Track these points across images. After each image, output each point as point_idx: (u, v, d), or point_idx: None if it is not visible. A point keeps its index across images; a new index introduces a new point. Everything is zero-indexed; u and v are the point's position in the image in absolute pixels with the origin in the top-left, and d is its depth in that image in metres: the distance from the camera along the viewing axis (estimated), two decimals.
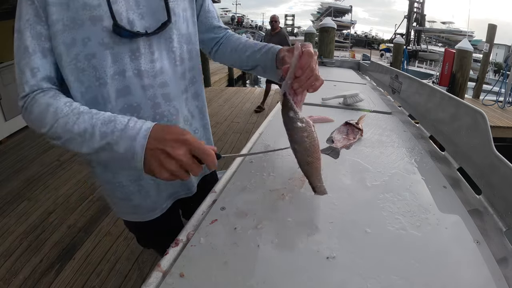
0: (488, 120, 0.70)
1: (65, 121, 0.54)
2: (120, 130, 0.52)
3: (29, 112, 0.57)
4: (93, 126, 0.53)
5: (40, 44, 0.57)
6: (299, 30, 41.85)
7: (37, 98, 0.56)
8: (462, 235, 0.53)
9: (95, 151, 0.53)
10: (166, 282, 0.41)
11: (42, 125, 0.55)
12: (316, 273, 0.43)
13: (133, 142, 0.51)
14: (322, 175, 0.59)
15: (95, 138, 0.52)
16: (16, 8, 0.59)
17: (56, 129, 0.54)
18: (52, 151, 3.71)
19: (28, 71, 0.57)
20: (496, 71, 15.11)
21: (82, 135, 0.53)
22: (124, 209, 0.78)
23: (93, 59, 0.59)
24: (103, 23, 0.57)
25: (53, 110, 0.55)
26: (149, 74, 0.64)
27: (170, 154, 0.49)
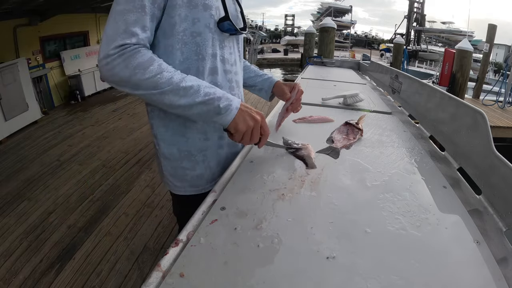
0: (488, 120, 0.70)
1: (170, 75, 0.62)
2: (221, 93, 0.66)
3: (128, 58, 0.59)
4: (199, 85, 0.64)
5: (153, 9, 0.64)
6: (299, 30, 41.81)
7: (140, 50, 0.61)
8: (462, 235, 0.53)
9: (192, 104, 0.63)
10: (166, 282, 0.41)
11: (143, 74, 0.60)
12: (316, 273, 0.43)
13: (232, 102, 0.66)
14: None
15: (199, 94, 0.63)
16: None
17: (159, 79, 0.61)
18: (52, 151, 3.72)
19: (139, 26, 0.62)
20: (496, 71, 15.11)
21: (186, 89, 0.63)
22: (186, 182, 0.84)
23: (198, 37, 0.71)
24: (211, 11, 0.71)
25: (159, 63, 0.62)
26: (229, 62, 0.81)
27: (253, 117, 0.68)
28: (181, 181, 0.84)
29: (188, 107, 0.64)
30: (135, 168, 3.24)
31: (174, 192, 0.87)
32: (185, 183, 0.84)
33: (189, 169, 0.82)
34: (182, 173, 0.83)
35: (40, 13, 5.13)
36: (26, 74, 4.70)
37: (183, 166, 0.81)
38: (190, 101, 0.63)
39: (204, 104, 0.64)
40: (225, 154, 0.85)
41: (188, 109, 0.64)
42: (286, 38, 31.94)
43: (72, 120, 4.99)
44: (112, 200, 2.65)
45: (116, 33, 0.60)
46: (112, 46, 0.59)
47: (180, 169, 0.82)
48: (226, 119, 0.66)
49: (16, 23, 4.79)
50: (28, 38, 5.08)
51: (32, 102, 4.76)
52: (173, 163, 0.82)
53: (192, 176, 0.83)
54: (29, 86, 4.75)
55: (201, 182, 0.84)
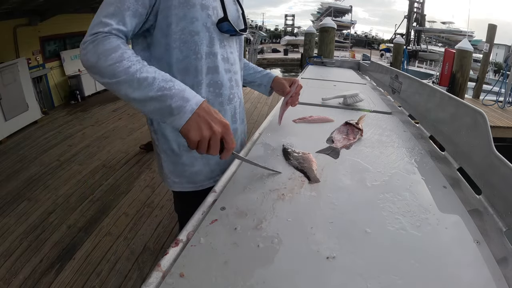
0: (488, 120, 0.70)
1: (128, 65, 0.59)
2: (178, 90, 0.60)
3: (97, 45, 0.60)
4: (154, 78, 0.60)
5: (136, 6, 0.65)
6: (299, 30, 41.81)
7: (110, 38, 0.61)
8: (462, 235, 0.53)
9: (144, 99, 0.59)
10: (166, 282, 0.41)
11: (105, 60, 0.59)
12: (316, 273, 0.43)
13: (187, 102, 0.59)
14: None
15: (152, 88, 0.59)
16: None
17: (117, 67, 0.59)
18: (52, 151, 3.72)
19: (115, 19, 0.63)
20: (496, 71, 15.11)
21: (140, 81, 0.59)
22: (184, 178, 0.85)
23: (196, 35, 0.73)
24: (208, 11, 0.73)
25: (121, 52, 0.60)
26: (229, 61, 0.82)
27: (211, 126, 0.59)
28: (180, 177, 0.85)
29: (142, 102, 0.60)
30: (135, 168, 3.24)
31: (172, 189, 0.88)
32: (183, 179, 0.85)
33: (188, 165, 0.83)
34: (181, 169, 0.84)
35: (40, 13, 5.13)
36: (26, 74, 4.70)
37: (182, 162, 0.83)
38: (143, 94, 0.59)
39: (156, 100, 0.59)
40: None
41: (142, 104, 0.60)
42: (286, 38, 31.95)
43: (72, 120, 4.99)
44: (112, 200, 2.65)
45: (95, 23, 0.62)
46: (89, 34, 0.62)
47: (180, 165, 0.83)
48: (178, 123, 0.59)
49: (16, 23, 4.79)
50: (28, 38, 5.08)
51: (32, 102, 4.76)
52: (172, 158, 0.83)
53: (191, 172, 0.84)
54: (29, 86, 4.75)
55: (199, 178, 0.85)
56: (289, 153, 0.80)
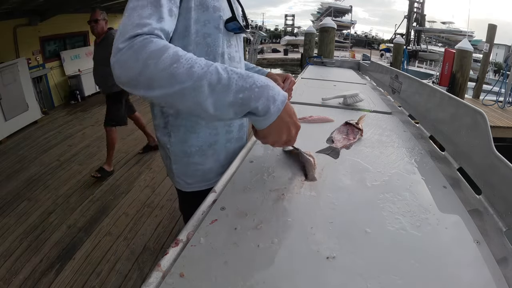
0: (488, 120, 0.70)
1: (190, 64, 0.48)
2: (260, 87, 0.51)
3: (138, 49, 0.48)
4: (229, 77, 0.49)
5: (170, 5, 0.61)
6: (299, 30, 41.81)
7: (152, 39, 0.50)
8: (462, 235, 0.53)
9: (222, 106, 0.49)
10: (166, 282, 0.41)
11: (157, 64, 0.47)
12: (316, 273, 0.43)
13: (273, 104, 0.51)
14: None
15: (230, 90, 0.49)
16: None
17: (176, 70, 0.47)
18: (52, 151, 3.71)
19: (155, 17, 0.55)
20: (496, 71, 15.11)
21: (213, 84, 0.48)
22: (197, 178, 0.85)
23: (208, 38, 0.73)
24: (220, 12, 0.73)
25: (173, 51, 0.49)
26: (235, 60, 0.83)
27: (290, 132, 0.57)
28: (193, 177, 0.85)
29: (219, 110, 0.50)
30: (135, 168, 3.24)
31: (186, 190, 0.87)
32: (197, 179, 0.86)
33: (200, 164, 0.84)
34: (194, 168, 0.84)
35: (40, 13, 5.13)
36: (26, 74, 4.69)
37: (194, 161, 0.83)
38: (221, 99, 0.49)
39: (238, 105, 0.50)
40: (233, 148, 0.88)
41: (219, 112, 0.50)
42: (286, 38, 31.95)
43: (72, 120, 4.99)
44: (112, 200, 2.65)
45: (128, 27, 0.52)
46: (122, 39, 0.50)
47: (192, 165, 0.84)
48: (259, 124, 0.54)
49: (16, 23, 4.79)
50: (28, 38, 5.08)
51: (32, 102, 4.76)
52: (184, 159, 0.83)
53: (204, 171, 0.85)
54: (29, 86, 4.75)
55: (211, 175, 0.86)
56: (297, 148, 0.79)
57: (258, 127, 0.56)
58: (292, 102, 1.34)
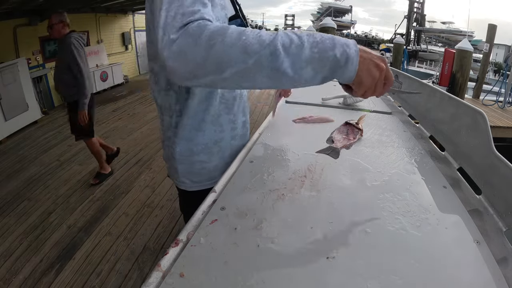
0: (488, 120, 0.70)
1: (257, 35, 0.47)
2: (329, 38, 0.50)
3: (198, 34, 0.46)
4: (299, 37, 0.49)
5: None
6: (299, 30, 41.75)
7: (207, 23, 0.48)
8: (462, 235, 0.53)
9: (300, 65, 0.48)
10: (166, 282, 0.41)
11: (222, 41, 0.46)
12: (316, 273, 0.43)
13: (347, 48, 0.50)
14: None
15: (304, 47, 0.48)
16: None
17: (246, 42, 0.46)
18: (52, 151, 3.71)
19: (199, 4, 0.51)
20: (496, 71, 15.11)
21: (287, 46, 0.47)
22: (203, 176, 0.85)
23: None
24: (226, 10, 0.73)
25: (233, 27, 0.48)
26: None
27: (378, 65, 0.52)
28: (199, 176, 0.85)
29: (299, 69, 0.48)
30: (135, 168, 3.24)
31: (191, 189, 0.87)
32: (203, 177, 0.86)
33: (206, 162, 0.84)
34: (199, 166, 0.84)
35: (40, 13, 5.13)
36: (26, 74, 4.69)
37: (200, 159, 0.83)
38: (297, 60, 0.48)
39: (316, 59, 0.48)
40: (237, 145, 0.88)
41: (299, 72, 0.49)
42: None
43: None
44: (112, 200, 2.65)
45: (174, 19, 0.49)
46: (173, 31, 0.47)
47: (197, 163, 0.84)
48: (348, 74, 0.51)
49: (16, 23, 4.79)
50: (28, 38, 5.07)
51: (32, 102, 4.76)
52: (190, 158, 0.83)
53: (209, 169, 0.85)
54: (29, 86, 4.75)
55: (216, 173, 0.85)
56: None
57: (348, 79, 0.52)
58: (292, 102, 1.34)
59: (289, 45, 0.47)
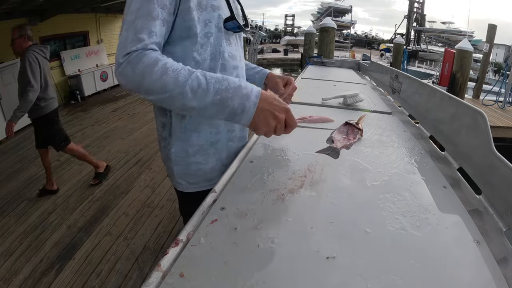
0: (488, 120, 0.70)
1: (175, 75, 0.58)
2: (234, 88, 0.60)
3: (135, 64, 0.58)
4: (207, 82, 0.59)
5: (163, 14, 0.64)
6: (299, 30, 41.82)
7: (145, 53, 0.59)
8: (462, 235, 0.53)
9: (204, 106, 0.59)
10: (166, 282, 0.41)
11: (150, 76, 0.57)
12: (316, 273, 0.43)
13: (247, 99, 0.60)
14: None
15: (208, 93, 0.59)
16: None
17: (165, 80, 0.58)
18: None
19: (146, 32, 0.61)
20: (496, 71, 15.11)
21: (194, 89, 0.58)
22: (199, 177, 0.85)
23: (211, 37, 0.73)
24: (219, 11, 0.73)
25: (162, 63, 0.59)
26: (236, 58, 0.82)
27: (276, 116, 0.61)
28: (195, 177, 0.85)
29: (202, 109, 0.60)
30: (135, 168, 3.24)
31: (188, 190, 0.87)
32: (199, 178, 0.85)
33: (202, 163, 0.84)
34: (195, 168, 0.84)
35: (40, 13, 5.13)
36: None
37: (196, 161, 0.83)
38: (201, 102, 0.59)
39: (216, 104, 0.59)
40: (235, 147, 0.88)
41: (202, 111, 0.61)
42: (286, 38, 31.96)
43: (72, 120, 4.99)
44: (112, 200, 2.65)
45: (126, 42, 0.60)
46: (122, 55, 0.59)
47: (193, 164, 0.83)
48: (244, 121, 0.61)
49: (16, 23, 4.79)
50: None
51: None
52: (186, 159, 0.83)
53: (205, 170, 0.84)
54: None
55: (213, 175, 0.85)
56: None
57: (244, 124, 0.62)
58: (292, 102, 1.34)
59: (197, 88, 0.58)
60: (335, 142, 0.89)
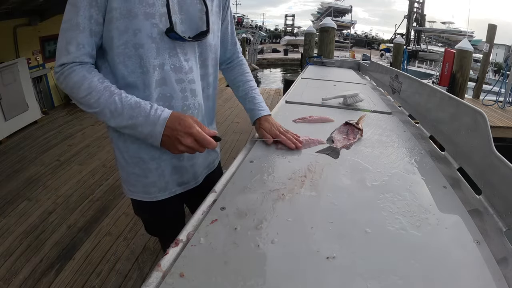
0: (488, 120, 0.70)
1: (98, 96, 0.65)
2: (144, 116, 0.65)
3: (65, 78, 0.65)
4: (122, 107, 0.65)
5: (90, 25, 0.65)
6: (299, 30, 41.84)
7: (75, 69, 0.65)
8: (462, 235, 0.53)
9: (121, 127, 0.67)
10: (166, 282, 0.41)
11: (78, 93, 0.65)
12: (316, 273, 0.43)
13: (154, 127, 0.66)
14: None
15: (123, 117, 0.65)
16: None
17: (89, 100, 0.65)
18: (52, 151, 3.71)
19: (74, 44, 0.65)
20: (496, 71, 15.10)
21: (112, 111, 0.65)
22: (138, 188, 0.83)
23: (140, 48, 0.68)
24: (154, 20, 0.67)
25: (87, 83, 0.65)
26: (183, 70, 0.75)
27: (181, 142, 0.65)
28: (134, 186, 0.83)
29: (120, 128, 0.68)
30: None
31: (128, 196, 0.86)
32: (137, 188, 0.83)
33: (141, 176, 0.81)
34: (134, 179, 0.82)
35: (40, 13, 5.13)
36: (26, 74, 4.69)
37: (134, 172, 0.80)
38: (117, 123, 0.66)
39: (130, 128, 0.67)
40: (186, 165, 0.84)
41: (120, 129, 0.68)
42: (286, 38, 31.98)
43: (72, 120, 4.99)
44: (112, 200, 2.65)
45: (59, 51, 0.66)
46: (57, 65, 0.66)
47: (132, 175, 0.81)
48: (155, 144, 0.68)
49: (16, 23, 4.79)
50: (28, 38, 5.07)
51: (32, 102, 4.76)
52: (126, 169, 0.81)
53: (144, 183, 0.81)
54: (29, 86, 4.75)
55: (153, 189, 0.82)
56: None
57: (156, 146, 0.68)
58: (292, 102, 1.34)
59: (113, 111, 0.65)
60: (335, 142, 0.89)
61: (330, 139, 0.91)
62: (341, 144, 0.87)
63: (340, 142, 0.89)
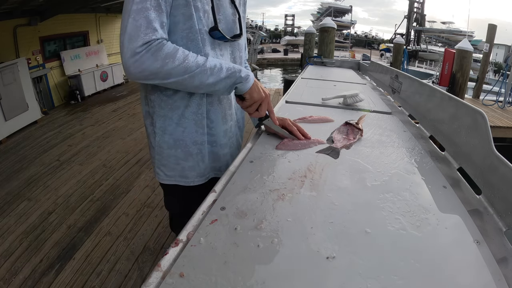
0: (488, 120, 0.70)
1: (194, 58, 0.70)
2: (238, 67, 0.77)
3: (156, 53, 0.65)
4: (220, 63, 0.73)
5: (167, 8, 0.69)
6: (299, 30, 41.79)
7: (164, 43, 0.67)
8: (462, 235, 0.53)
9: (219, 80, 0.73)
10: (166, 282, 0.41)
11: (173, 61, 0.67)
12: (316, 273, 0.43)
13: (249, 73, 0.79)
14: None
15: (222, 71, 0.73)
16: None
17: (187, 63, 0.68)
18: (52, 151, 3.72)
19: (158, 23, 0.67)
20: (496, 71, 15.10)
21: (212, 68, 0.72)
22: (176, 172, 0.86)
23: (201, 34, 0.75)
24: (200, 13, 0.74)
25: (182, 50, 0.69)
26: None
27: (264, 91, 0.82)
28: (172, 170, 0.86)
29: (215, 84, 0.73)
30: (135, 168, 3.24)
31: (164, 182, 0.88)
32: (175, 172, 0.86)
33: (182, 159, 0.84)
34: (174, 161, 0.85)
35: (40, 13, 5.13)
36: (26, 74, 4.70)
37: (176, 155, 0.84)
38: (217, 78, 0.72)
39: (229, 78, 0.74)
40: (221, 154, 0.89)
41: (214, 85, 0.73)
42: (286, 38, 31.97)
43: (72, 120, 4.99)
44: (112, 200, 2.65)
45: (139, 31, 0.64)
46: (139, 44, 0.63)
47: (173, 158, 0.84)
48: (245, 86, 0.77)
49: (16, 23, 4.79)
50: (28, 38, 5.08)
51: (32, 102, 4.76)
52: (167, 151, 0.84)
53: (184, 167, 0.85)
54: (29, 86, 4.76)
55: (191, 174, 0.86)
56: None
57: (243, 90, 0.78)
58: (292, 102, 1.34)
59: (213, 67, 0.72)
60: (335, 142, 0.89)
61: (330, 139, 0.91)
62: (341, 144, 0.87)
63: (340, 142, 0.89)
